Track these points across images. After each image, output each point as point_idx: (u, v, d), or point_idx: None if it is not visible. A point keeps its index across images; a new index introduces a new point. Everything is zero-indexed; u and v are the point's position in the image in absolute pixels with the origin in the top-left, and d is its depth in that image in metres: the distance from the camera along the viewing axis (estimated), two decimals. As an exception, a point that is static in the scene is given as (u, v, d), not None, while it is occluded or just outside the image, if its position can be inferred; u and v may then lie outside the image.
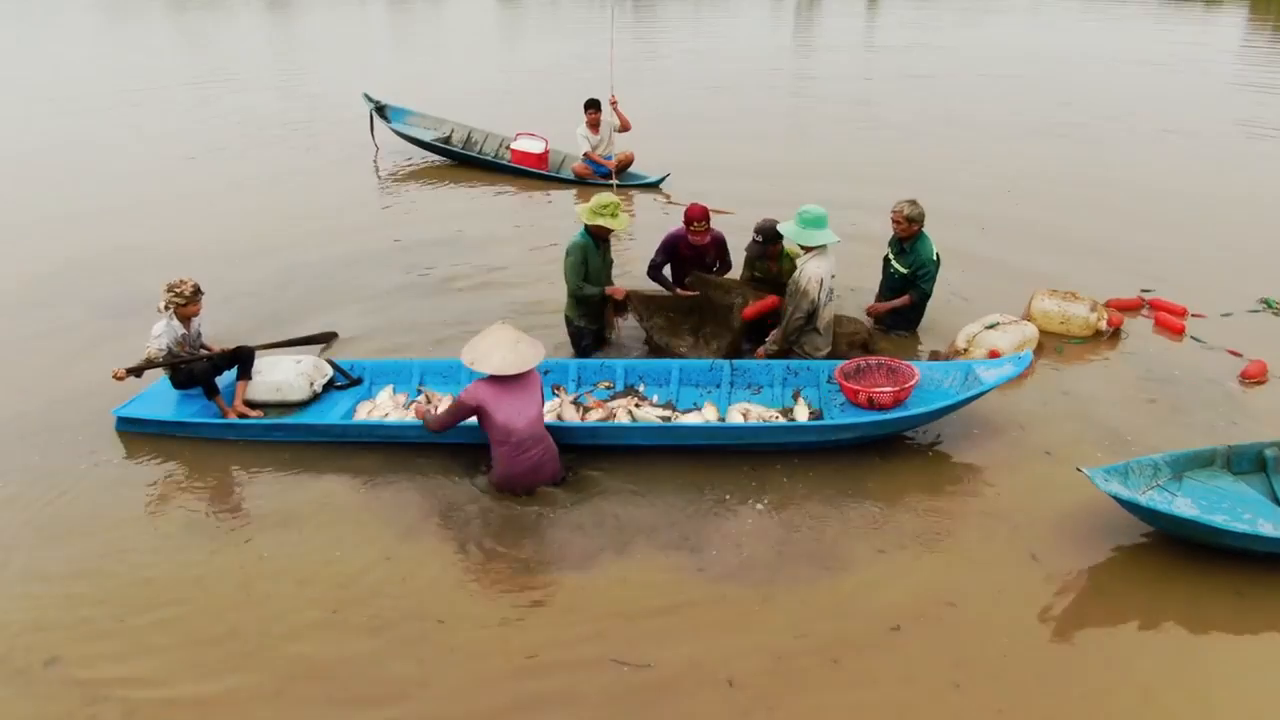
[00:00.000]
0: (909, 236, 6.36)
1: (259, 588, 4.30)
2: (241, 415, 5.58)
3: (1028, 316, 6.71)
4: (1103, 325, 6.56)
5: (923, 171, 11.14)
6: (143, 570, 4.43)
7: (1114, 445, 5.26)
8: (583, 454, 5.14)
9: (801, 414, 5.34)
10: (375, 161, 12.15)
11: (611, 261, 6.48)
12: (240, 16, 34.51)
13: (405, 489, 5.00)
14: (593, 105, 10.58)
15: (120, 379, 5.30)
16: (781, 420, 5.26)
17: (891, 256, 6.55)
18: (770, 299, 6.07)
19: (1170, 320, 6.75)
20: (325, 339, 6.71)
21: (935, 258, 6.39)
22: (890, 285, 6.59)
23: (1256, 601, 4.09)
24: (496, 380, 4.61)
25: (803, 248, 5.78)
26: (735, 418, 5.28)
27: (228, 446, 5.42)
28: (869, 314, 6.62)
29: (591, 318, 6.36)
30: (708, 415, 5.36)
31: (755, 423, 5.16)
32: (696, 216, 6.34)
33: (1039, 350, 6.41)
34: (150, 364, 5.40)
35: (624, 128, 10.79)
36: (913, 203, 6.29)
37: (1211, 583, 4.20)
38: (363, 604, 4.19)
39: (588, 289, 6.13)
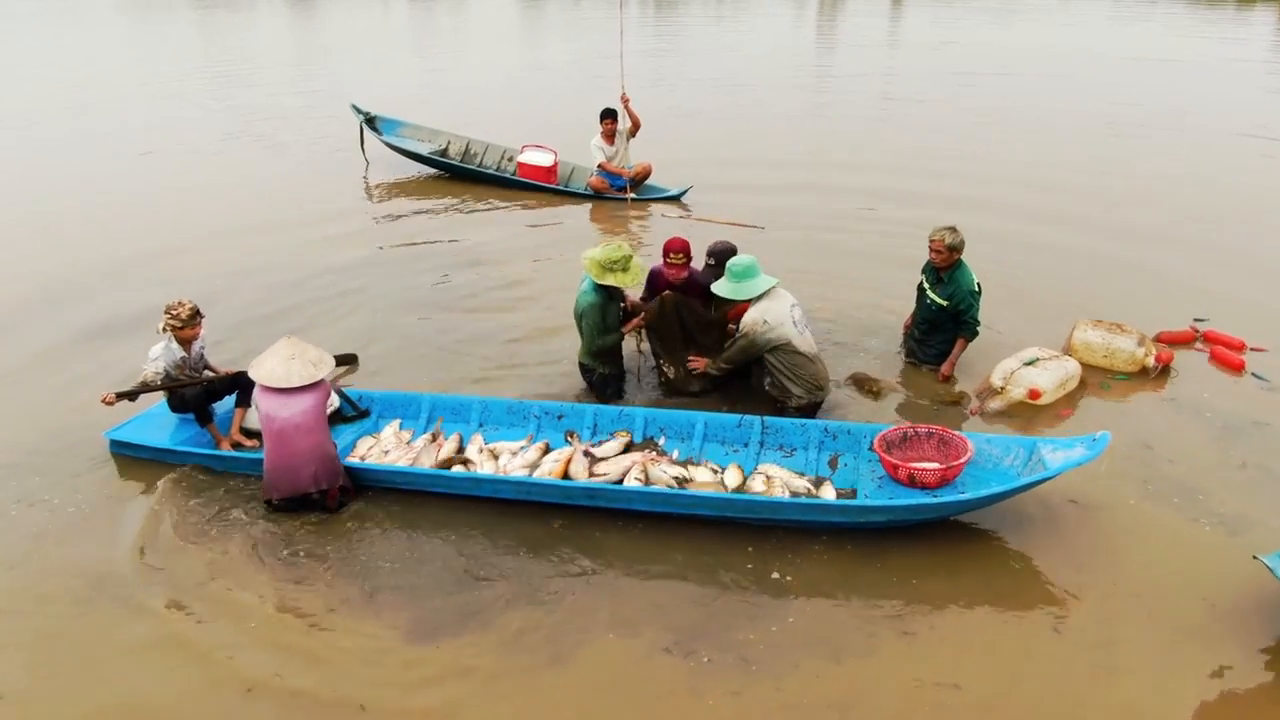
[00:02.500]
0: (948, 266, 6.04)
1: (155, 658, 3.97)
2: (236, 444, 5.42)
3: (1068, 349, 6.39)
4: (1150, 361, 6.20)
5: (954, 184, 10.82)
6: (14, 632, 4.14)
7: (1182, 502, 4.87)
8: (588, 513, 4.82)
9: (829, 491, 4.82)
10: (365, 177, 11.65)
11: (626, 308, 6.05)
12: (262, 16, 34.66)
13: (362, 542, 4.69)
14: (609, 115, 10.29)
15: (110, 404, 5.18)
16: (807, 491, 4.81)
17: (927, 286, 6.23)
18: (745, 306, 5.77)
19: (1227, 355, 6.38)
20: (346, 361, 6.50)
21: (976, 288, 6.07)
22: (926, 317, 6.27)
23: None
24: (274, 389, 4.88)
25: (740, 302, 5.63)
26: (758, 483, 4.85)
27: (212, 479, 5.20)
28: (941, 380, 6.22)
29: (615, 363, 6.00)
30: (729, 479, 4.92)
31: (771, 498, 4.66)
32: (675, 248, 5.88)
33: (1081, 386, 6.08)
34: (145, 388, 5.25)
35: (635, 127, 10.44)
36: (953, 230, 5.97)
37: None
38: (285, 680, 3.84)
39: (609, 339, 5.81)
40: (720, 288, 5.63)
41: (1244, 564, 4.21)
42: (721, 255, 5.88)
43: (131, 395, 5.25)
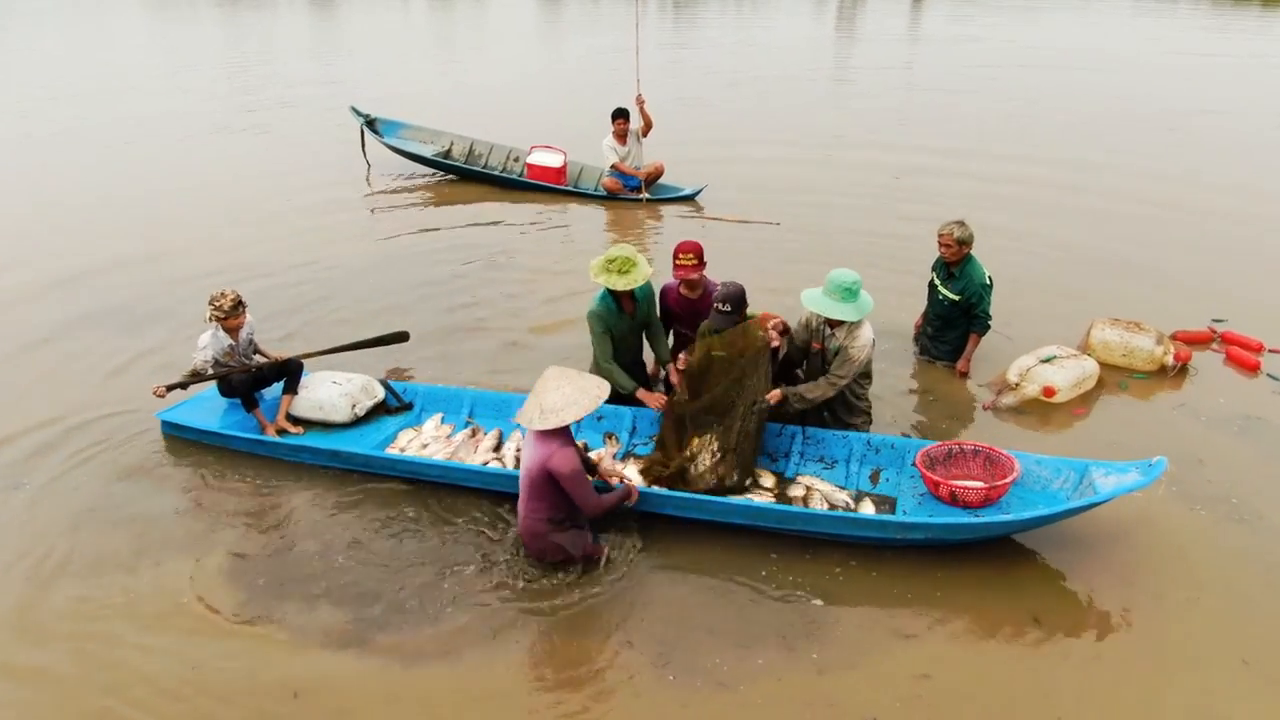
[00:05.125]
0: (958, 261, 6.20)
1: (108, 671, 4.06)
2: (281, 430, 5.70)
3: (1085, 348, 6.52)
4: (1169, 360, 6.34)
5: (971, 180, 11.00)
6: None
7: (1222, 512, 4.91)
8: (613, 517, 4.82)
9: (868, 508, 4.78)
10: (368, 179, 11.75)
11: (649, 323, 5.67)
12: (283, 14, 35.33)
13: (393, 536, 4.85)
14: (620, 115, 10.42)
15: (161, 396, 5.49)
16: (846, 506, 4.79)
17: (938, 282, 6.38)
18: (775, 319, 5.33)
19: (1242, 355, 6.51)
20: (396, 339, 6.59)
21: (988, 281, 6.23)
22: (939, 313, 6.43)
23: None
24: None
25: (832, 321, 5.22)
26: (797, 493, 4.87)
27: (252, 462, 5.49)
28: (960, 376, 6.37)
29: (637, 380, 5.67)
30: (764, 488, 4.97)
31: (806, 509, 4.65)
32: (685, 249, 5.48)
33: (1100, 385, 6.21)
34: (195, 377, 5.58)
35: (646, 127, 10.59)
36: (961, 224, 6.13)
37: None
38: (236, 658, 4.02)
39: (616, 374, 5.38)
40: (832, 309, 5.05)
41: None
42: (736, 299, 5.12)
43: (182, 385, 5.58)
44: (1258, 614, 4.21)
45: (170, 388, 5.53)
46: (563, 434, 4.33)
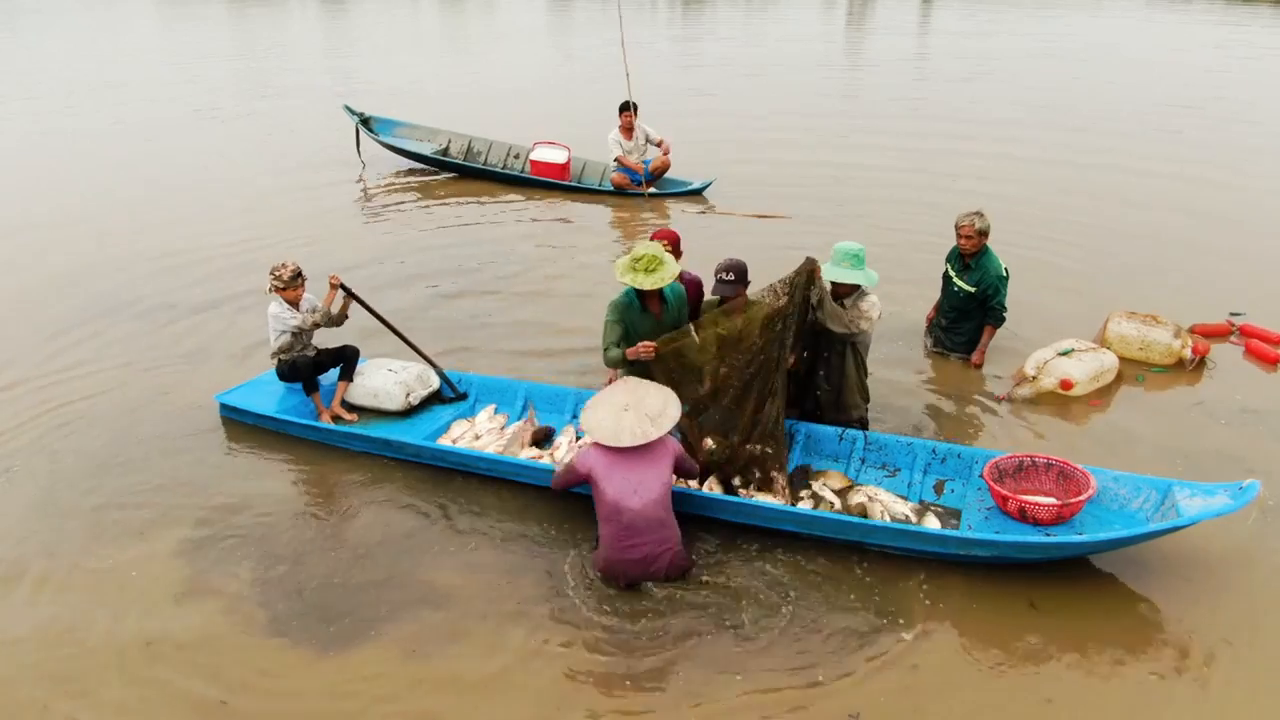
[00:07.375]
0: (975, 252, 6.23)
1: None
2: (336, 417, 5.79)
3: (1102, 341, 6.55)
4: (1187, 354, 6.36)
5: (985, 176, 11.05)
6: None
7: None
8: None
9: (932, 524, 4.60)
10: (362, 178, 11.71)
11: (675, 325, 5.36)
12: (294, 13, 35.57)
13: (441, 525, 4.88)
14: (627, 108, 10.46)
15: (335, 285, 5.63)
16: (906, 519, 4.61)
17: (953, 273, 6.41)
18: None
19: (1263, 349, 6.54)
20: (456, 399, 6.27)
21: (1004, 273, 6.26)
22: (954, 304, 6.45)
23: None
24: (612, 449, 4.34)
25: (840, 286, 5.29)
26: (857, 501, 4.75)
27: (305, 447, 5.60)
28: (975, 367, 6.40)
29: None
30: (828, 492, 4.87)
31: (863, 520, 4.48)
32: (660, 237, 5.45)
33: (1119, 378, 6.23)
34: (353, 295, 5.75)
35: (665, 167, 10.63)
36: (980, 215, 6.16)
37: None
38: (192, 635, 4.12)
39: (611, 352, 5.16)
40: (845, 275, 5.19)
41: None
42: (739, 269, 5.15)
43: (345, 290, 5.72)
44: (1261, 607, 4.20)
45: (343, 286, 5.64)
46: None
